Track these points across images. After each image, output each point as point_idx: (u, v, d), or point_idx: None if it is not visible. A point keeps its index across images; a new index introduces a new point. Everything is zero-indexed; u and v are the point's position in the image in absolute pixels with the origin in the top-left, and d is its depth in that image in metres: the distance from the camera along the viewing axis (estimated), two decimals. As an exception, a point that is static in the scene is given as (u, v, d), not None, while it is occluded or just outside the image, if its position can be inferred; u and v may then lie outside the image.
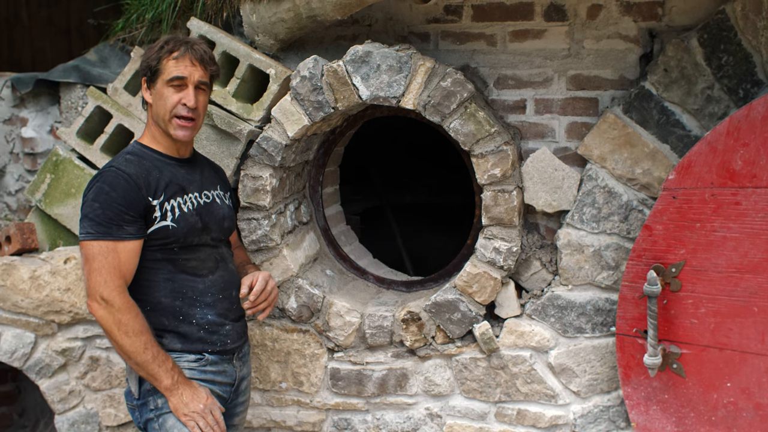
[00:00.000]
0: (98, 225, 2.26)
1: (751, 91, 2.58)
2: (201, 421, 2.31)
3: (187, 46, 2.40)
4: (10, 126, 3.46)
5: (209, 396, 2.37)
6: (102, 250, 2.26)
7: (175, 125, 2.40)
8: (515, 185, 2.76)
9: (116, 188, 2.29)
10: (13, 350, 2.98)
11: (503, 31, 2.87)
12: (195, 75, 2.40)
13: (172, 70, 2.37)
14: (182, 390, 2.32)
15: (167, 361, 2.31)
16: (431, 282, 3.15)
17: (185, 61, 2.38)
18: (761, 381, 2.53)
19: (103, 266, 2.25)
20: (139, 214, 2.31)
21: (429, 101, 2.69)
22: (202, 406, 2.33)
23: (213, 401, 2.37)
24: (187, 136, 2.44)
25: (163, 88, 2.38)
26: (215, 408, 2.36)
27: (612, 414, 2.88)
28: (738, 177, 2.48)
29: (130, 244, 2.29)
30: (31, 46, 6.22)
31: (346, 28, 3.04)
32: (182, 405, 2.31)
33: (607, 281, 2.81)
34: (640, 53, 2.77)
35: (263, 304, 2.51)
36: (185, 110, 2.39)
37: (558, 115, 2.87)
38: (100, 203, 2.27)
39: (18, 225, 3.08)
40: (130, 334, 2.25)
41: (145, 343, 2.27)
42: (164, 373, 2.29)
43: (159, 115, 2.41)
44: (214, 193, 2.56)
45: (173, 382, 2.30)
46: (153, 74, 2.40)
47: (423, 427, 3.01)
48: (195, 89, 2.41)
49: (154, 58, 2.38)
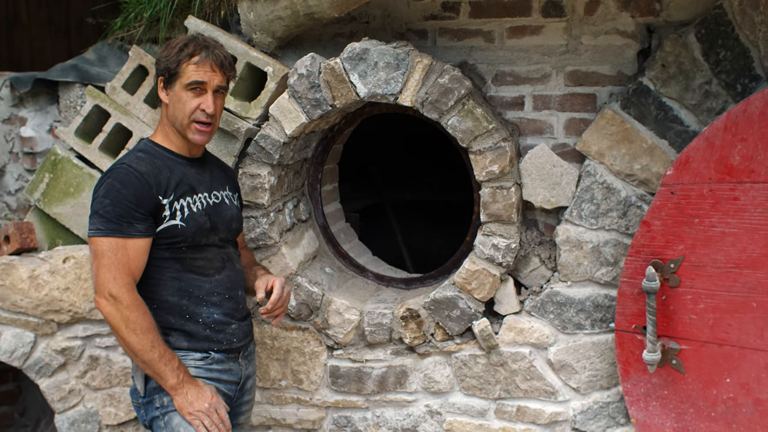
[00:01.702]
0: (108, 222, 2.26)
1: (749, 86, 2.58)
2: (206, 419, 2.31)
3: (208, 51, 2.38)
4: (9, 125, 3.47)
5: (214, 394, 2.37)
6: (111, 247, 2.25)
7: (194, 130, 2.41)
8: (513, 182, 2.76)
9: (127, 185, 2.28)
10: (13, 350, 2.98)
11: (501, 28, 2.87)
12: (215, 80, 2.39)
13: (191, 75, 2.36)
14: (187, 389, 2.31)
15: (173, 359, 2.31)
16: (430, 279, 3.15)
17: (205, 67, 2.37)
18: (760, 376, 2.52)
19: (113, 263, 2.25)
20: (149, 212, 2.31)
21: (427, 98, 2.69)
22: (207, 404, 2.32)
23: (218, 400, 2.36)
24: (205, 140, 2.45)
25: (182, 92, 2.38)
26: (220, 406, 2.36)
27: (612, 410, 2.88)
28: (736, 172, 2.48)
29: (140, 241, 2.29)
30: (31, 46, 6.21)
31: (343, 26, 3.04)
32: (187, 404, 2.31)
33: (606, 277, 2.81)
34: (638, 49, 2.77)
35: (279, 310, 2.52)
36: (204, 116, 2.39)
37: (556, 112, 2.87)
38: (110, 200, 2.27)
39: (17, 224, 3.09)
40: (137, 332, 2.25)
41: (152, 341, 2.26)
42: (170, 372, 2.29)
43: (177, 118, 2.41)
44: (223, 193, 2.56)
45: (178, 381, 2.30)
46: (171, 76, 2.38)
47: (423, 425, 3.01)
48: (213, 94, 2.40)
49: (174, 60, 2.36)
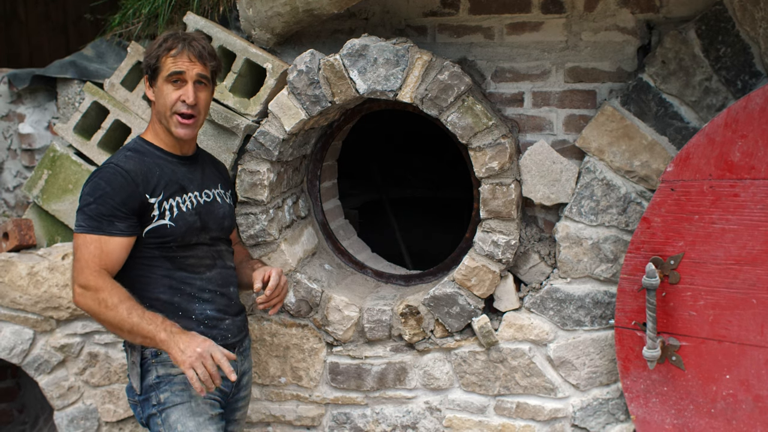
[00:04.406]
0: (90, 219, 2.29)
1: (749, 82, 2.57)
2: (200, 368, 2.20)
3: (185, 42, 2.40)
4: (7, 122, 3.46)
5: (206, 339, 2.28)
6: (87, 243, 2.29)
7: (176, 122, 2.41)
8: (513, 178, 2.76)
9: (112, 184, 2.30)
10: (12, 346, 2.97)
11: (500, 24, 2.86)
12: (193, 70, 2.40)
13: (170, 66, 2.38)
14: (178, 338, 2.23)
15: (156, 317, 2.26)
16: (430, 276, 3.14)
17: (183, 57, 2.39)
18: (760, 373, 2.52)
19: (86, 258, 2.28)
20: (133, 212, 2.32)
21: (426, 95, 2.68)
22: (199, 349, 2.22)
23: (211, 343, 2.27)
24: (188, 134, 2.43)
25: (163, 86, 2.40)
26: (215, 349, 2.25)
27: (611, 407, 2.88)
28: (736, 169, 2.48)
29: (119, 239, 2.30)
30: (29, 42, 6.20)
31: (343, 22, 3.03)
32: (180, 353, 2.21)
33: (605, 274, 2.81)
34: (638, 45, 2.76)
35: (276, 299, 2.52)
36: (185, 107, 2.39)
37: (556, 108, 2.86)
38: (94, 198, 2.30)
39: (15, 221, 3.08)
40: (110, 308, 2.24)
41: (128, 308, 2.24)
42: (155, 328, 2.23)
43: (161, 113, 2.42)
44: (214, 191, 2.56)
45: (168, 334, 2.23)
46: (153, 72, 2.41)
47: (422, 421, 3.01)
48: (195, 85, 2.41)
49: (154, 56, 2.40)
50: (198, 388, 2.19)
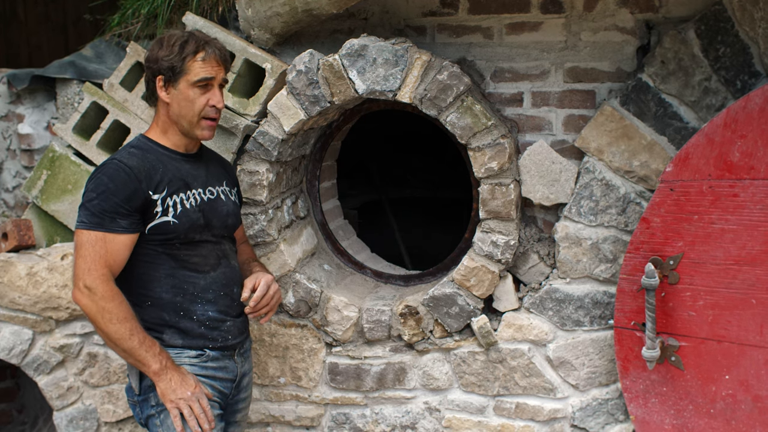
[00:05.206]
0: (92, 215, 2.28)
1: (749, 82, 2.57)
2: (186, 409, 2.30)
3: (211, 46, 2.40)
4: (6, 122, 3.46)
5: (198, 384, 2.36)
6: (91, 240, 2.27)
7: (204, 126, 2.43)
8: (512, 178, 2.76)
9: (115, 180, 2.29)
10: (11, 347, 2.97)
11: (500, 24, 2.86)
12: (220, 75, 2.43)
13: (199, 72, 2.37)
14: (171, 375, 2.30)
15: (154, 345, 2.30)
16: (429, 276, 3.14)
17: (212, 62, 2.39)
18: (760, 373, 2.52)
19: (90, 255, 2.27)
20: (136, 209, 2.31)
21: (425, 95, 2.68)
22: (189, 393, 2.32)
23: (201, 389, 2.36)
24: (212, 135, 2.48)
25: (188, 90, 2.38)
26: (203, 396, 2.35)
27: (611, 407, 2.88)
28: (736, 169, 2.48)
29: (121, 237, 2.29)
30: (28, 43, 6.21)
31: (342, 22, 3.03)
32: (170, 390, 2.30)
33: (605, 274, 2.81)
34: (637, 45, 2.76)
35: (265, 308, 2.51)
36: (214, 111, 2.42)
37: (555, 108, 2.86)
38: (97, 194, 2.28)
39: (15, 221, 3.08)
40: (114, 321, 2.25)
41: (131, 329, 2.26)
42: (152, 357, 2.28)
43: (184, 116, 2.40)
44: (219, 188, 2.55)
45: (161, 367, 2.29)
46: (175, 75, 2.37)
47: (422, 421, 3.01)
48: (219, 88, 2.44)
49: (178, 58, 2.36)
50: (178, 427, 2.31)
